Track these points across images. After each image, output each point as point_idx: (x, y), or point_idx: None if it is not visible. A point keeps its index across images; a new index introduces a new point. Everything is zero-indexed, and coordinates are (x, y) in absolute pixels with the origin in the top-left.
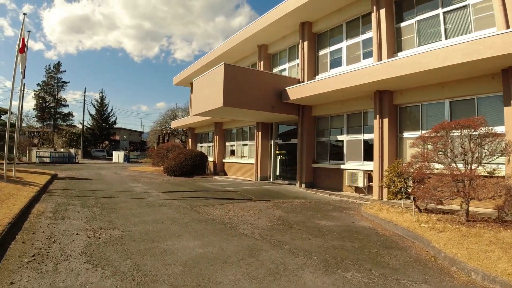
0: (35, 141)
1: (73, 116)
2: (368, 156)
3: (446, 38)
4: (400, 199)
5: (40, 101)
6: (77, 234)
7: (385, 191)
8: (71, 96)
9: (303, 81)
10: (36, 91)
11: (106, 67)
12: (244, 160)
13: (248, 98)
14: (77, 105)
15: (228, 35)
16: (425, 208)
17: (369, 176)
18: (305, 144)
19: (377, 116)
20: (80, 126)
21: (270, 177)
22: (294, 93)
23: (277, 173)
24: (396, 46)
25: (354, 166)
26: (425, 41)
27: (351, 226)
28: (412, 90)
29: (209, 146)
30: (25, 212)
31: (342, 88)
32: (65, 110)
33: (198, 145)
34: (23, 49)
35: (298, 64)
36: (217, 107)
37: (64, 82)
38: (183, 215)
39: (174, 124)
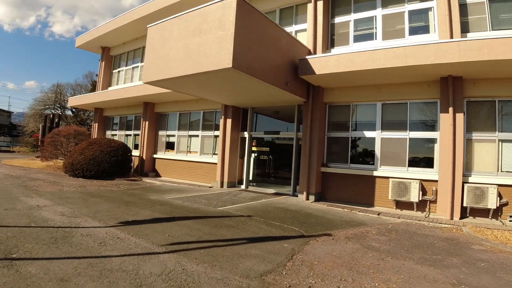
0: None
1: None
2: (416, 161)
3: None
4: None
5: None
6: None
7: (456, 207)
8: None
9: (314, 53)
10: None
11: None
12: (192, 157)
13: (263, 63)
14: None
15: (116, 14)
16: None
17: (422, 187)
18: (316, 141)
19: (450, 109)
20: None
21: (241, 183)
22: (325, 64)
23: (250, 178)
24: (460, 26)
25: (394, 173)
26: (499, 26)
27: None
28: (488, 80)
29: (128, 135)
30: None
31: (394, 67)
32: None
33: (109, 132)
34: None
35: (295, 31)
36: (218, 69)
37: None
38: None
39: (74, 101)
